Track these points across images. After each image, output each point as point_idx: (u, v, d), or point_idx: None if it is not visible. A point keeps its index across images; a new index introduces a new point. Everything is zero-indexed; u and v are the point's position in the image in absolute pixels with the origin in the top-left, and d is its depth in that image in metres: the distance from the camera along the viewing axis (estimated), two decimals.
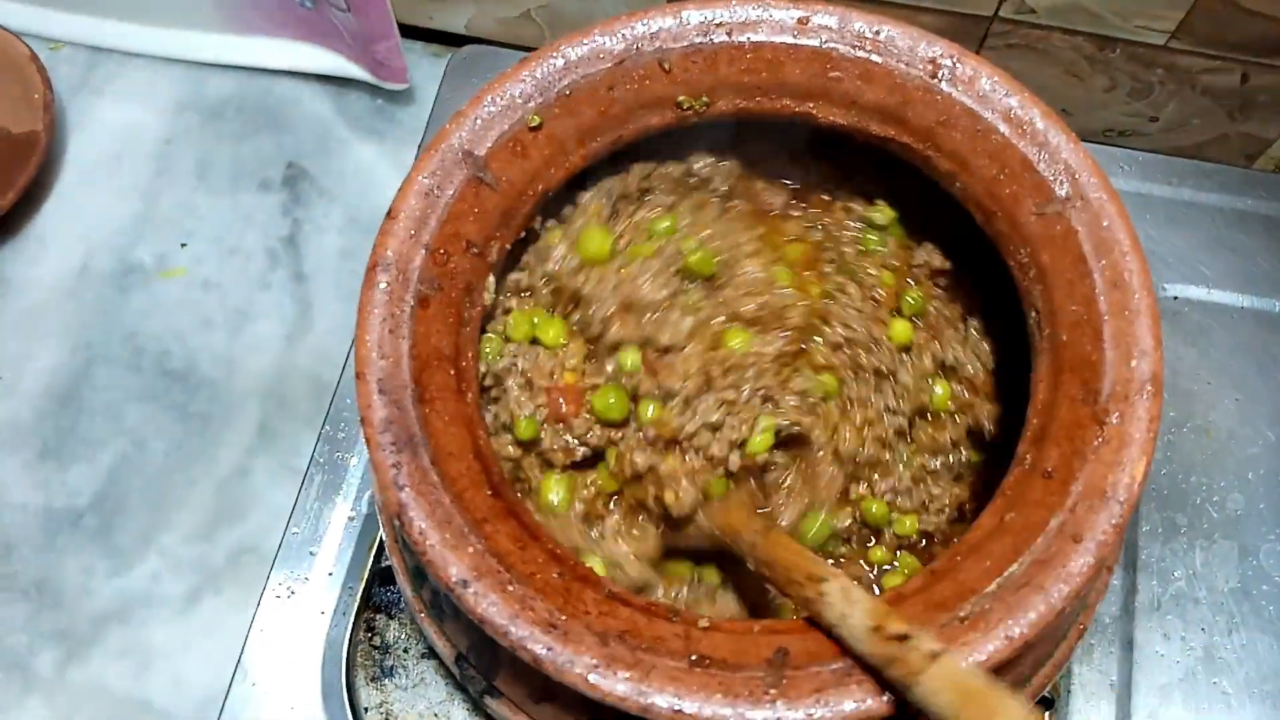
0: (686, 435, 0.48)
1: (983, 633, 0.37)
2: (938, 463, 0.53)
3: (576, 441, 0.49)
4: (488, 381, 0.50)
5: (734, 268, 0.53)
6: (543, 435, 0.49)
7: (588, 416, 0.49)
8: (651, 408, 0.48)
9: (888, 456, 0.51)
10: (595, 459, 0.50)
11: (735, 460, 0.48)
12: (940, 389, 0.52)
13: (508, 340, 0.51)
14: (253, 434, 0.64)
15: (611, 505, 0.50)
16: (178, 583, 0.60)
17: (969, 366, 0.53)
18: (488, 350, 0.50)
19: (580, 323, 0.51)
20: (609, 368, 0.49)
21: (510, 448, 0.49)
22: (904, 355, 0.53)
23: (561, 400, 0.49)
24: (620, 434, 0.49)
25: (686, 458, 0.48)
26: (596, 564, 0.47)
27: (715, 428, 0.48)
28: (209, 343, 0.67)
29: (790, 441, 0.50)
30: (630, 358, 0.49)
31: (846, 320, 0.51)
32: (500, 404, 0.50)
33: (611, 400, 0.48)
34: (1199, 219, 0.70)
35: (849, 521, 0.51)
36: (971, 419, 0.53)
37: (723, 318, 0.50)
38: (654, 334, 0.49)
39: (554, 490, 0.48)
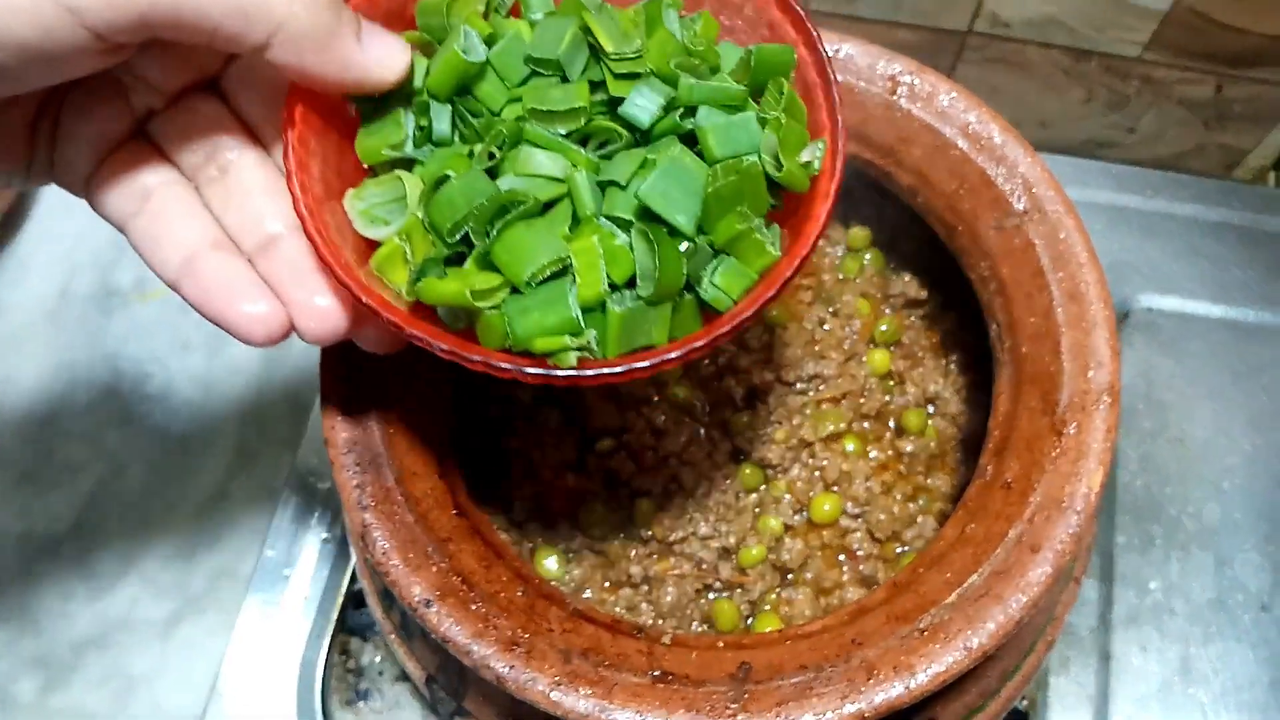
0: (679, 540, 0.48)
1: (942, 644, 0.37)
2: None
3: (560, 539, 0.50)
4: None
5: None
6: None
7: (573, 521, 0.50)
8: (645, 505, 0.49)
9: (911, 509, 0.51)
10: None
11: (726, 570, 0.48)
12: (916, 419, 0.52)
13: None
14: (231, 456, 0.64)
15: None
16: (157, 607, 0.60)
17: (951, 404, 0.53)
18: None
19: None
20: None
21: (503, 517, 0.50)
22: (893, 390, 0.53)
23: (553, 500, 0.50)
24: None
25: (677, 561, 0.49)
26: (555, 557, 0.49)
27: (706, 538, 0.49)
28: (187, 365, 0.67)
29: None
30: (606, 444, 0.51)
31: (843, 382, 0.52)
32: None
33: (596, 514, 0.49)
34: (1174, 230, 0.70)
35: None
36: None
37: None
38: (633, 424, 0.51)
39: (549, 556, 0.49)
